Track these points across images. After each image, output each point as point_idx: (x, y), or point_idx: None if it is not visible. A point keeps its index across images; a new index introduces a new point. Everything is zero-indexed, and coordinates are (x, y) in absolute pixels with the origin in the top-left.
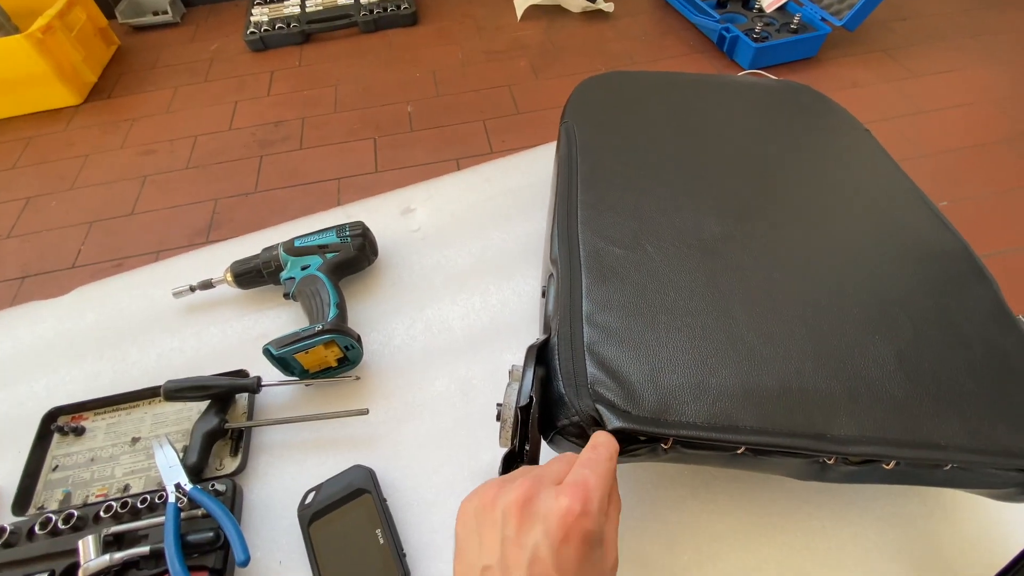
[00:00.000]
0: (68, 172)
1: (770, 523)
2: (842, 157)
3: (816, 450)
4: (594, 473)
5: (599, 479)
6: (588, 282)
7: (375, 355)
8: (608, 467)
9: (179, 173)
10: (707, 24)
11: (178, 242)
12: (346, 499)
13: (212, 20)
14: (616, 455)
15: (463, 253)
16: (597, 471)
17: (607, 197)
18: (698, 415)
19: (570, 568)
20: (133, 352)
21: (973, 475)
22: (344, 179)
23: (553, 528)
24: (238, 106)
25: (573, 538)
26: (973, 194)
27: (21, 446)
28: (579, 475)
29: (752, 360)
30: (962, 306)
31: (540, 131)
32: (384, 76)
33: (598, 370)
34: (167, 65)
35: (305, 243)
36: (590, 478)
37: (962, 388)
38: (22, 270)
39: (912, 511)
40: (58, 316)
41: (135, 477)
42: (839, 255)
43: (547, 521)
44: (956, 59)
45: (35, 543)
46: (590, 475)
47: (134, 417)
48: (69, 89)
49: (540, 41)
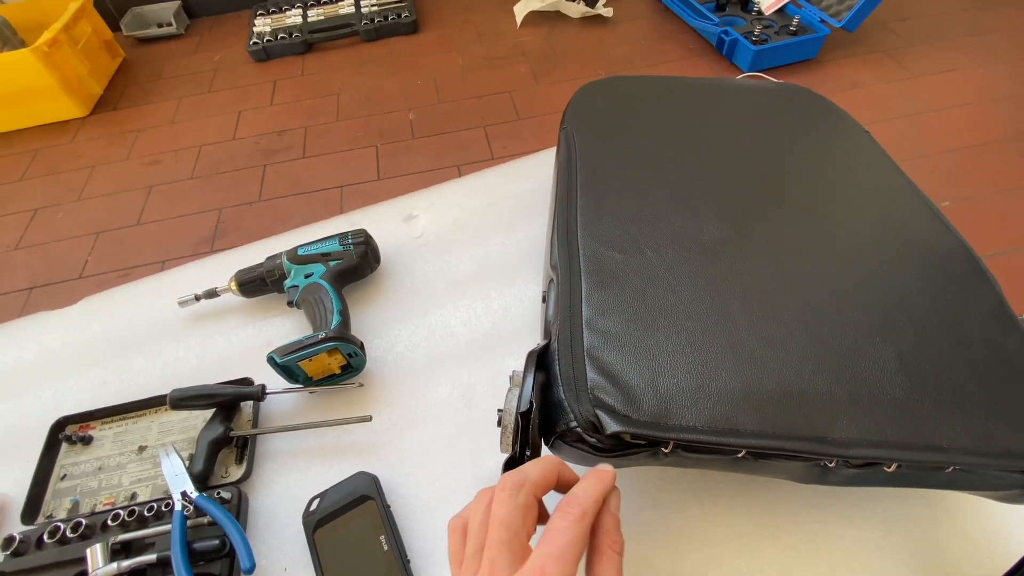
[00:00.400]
0: (75, 183)
1: (774, 526)
2: (841, 159)
3: (817, 453)
4: (557, 560)
5: (559, 565)
6: (588, 287)
7: (378, 362)
8: (579, 550)
9: (184, 183)
10: (706, 27)
11: (183, 251)
12: (350, 506)
13: (216, 31)
14: (600, 499)
15: (465, 259)
16: (559, 551)
17: (606, 202)
18: (698, 419)
19: None
20: (139, 361)
21: (976, 477)
22: (347, 187)
23: None
24: (242, 116)
25: None
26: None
27: (30, 456)
28: (535, 565)
29: (752, 363)
30: (963, 307)
31: (541, 136)
32: (386, 84)
33: (598, 375)
34: (172, 76)
35: (308, 251)
36: (549, 564)
37: (964, 390)
38: (30, 281)
39: (916, 513)
40: (65, 326)
41: (142, 485)
42: (839, 257)
43: None
44: (956, 59)
45: (44, 552)
46: (549, 562)
47: (141, 426)
48: (75, 101)
49: (540, 47)
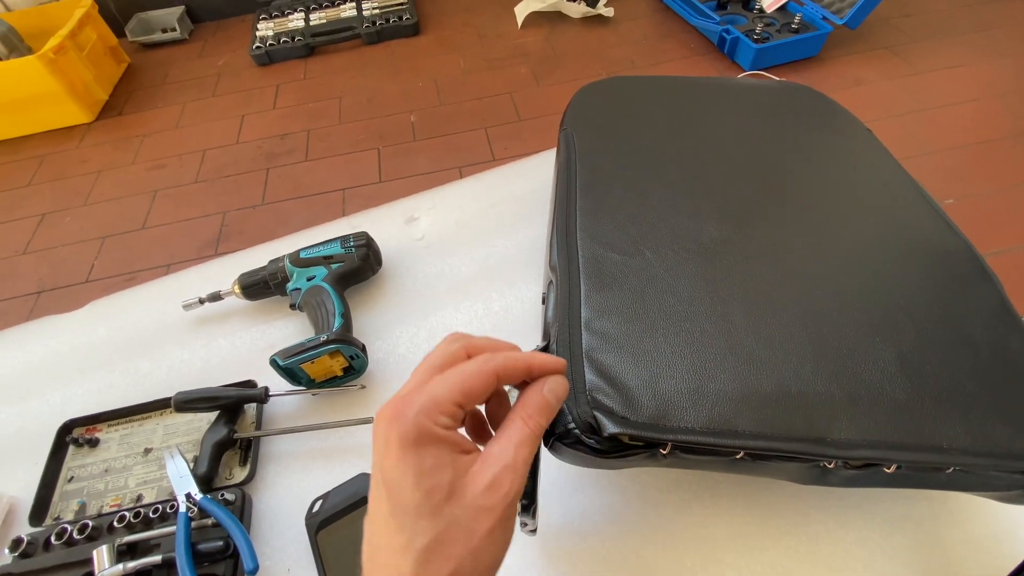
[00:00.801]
0: (82, 188)
1: (775, 527)
2: (843, 158)
3: (816, 454)
4: (445, 380)
5: (445, 384)
6: (587, 288)
7: (380, 364)
8: (471, 384)
9: (188, 187)
10: (707, 26)
11: (188, 255)
12: (353, 507)
13: (219, 36)
14: (505, 372)
15: (466, 261)
16: (449, 378)
17: (606, 203)
18: (697, 420)
19: (393, 476)
20: (145, 364)
21: (976, 478)
22: (349, 189)
23: (379, 440)
24: (245, 120)
25: (392, 441)
26: (979, 191)
27: (37, 458)
28: (417, 384)
29: (751, 364)
30: (965, 306)
31: (542, 137)
32: (387, 87)
33: (596, 376)
34: (176, 81)
35: (310, 254)
36: (436, 384)
37: (964, 390)
38: (38, 285)
39: (918, 514)
40: (72, 330)
41: (147, 487)
42: (840, 257)
43: (375, 434)
44: (961, 55)
45: (51, 553)
46: (438, 383)
47: (146, 428)
48: (81, 107)
49: (541, 48)
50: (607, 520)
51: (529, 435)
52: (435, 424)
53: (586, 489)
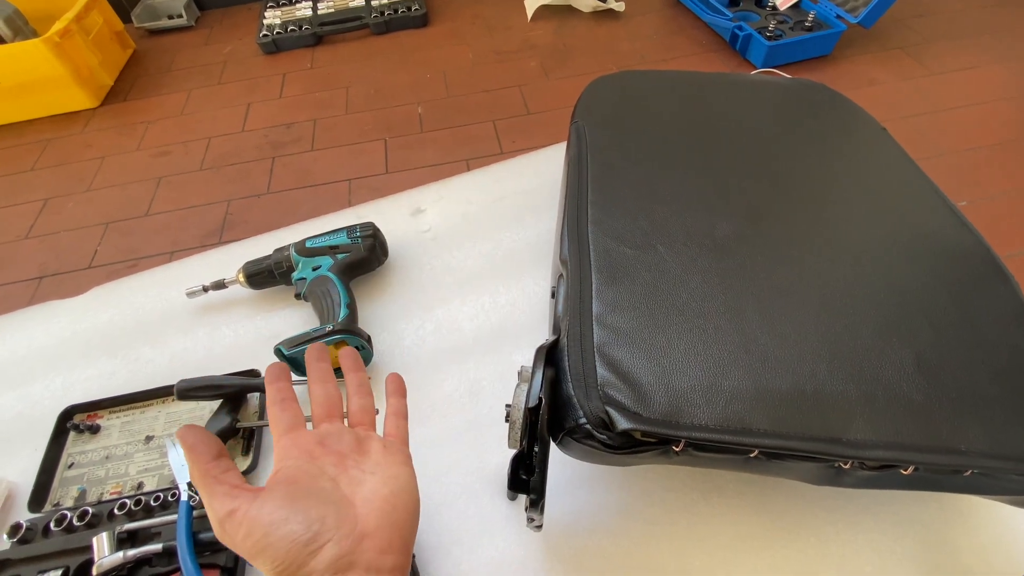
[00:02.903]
0: (85, 174)
1: (783, 528)
2: (858, 156)
3: (831, 454)
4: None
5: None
6: (598, 283)
7: (385, 355)
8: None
9: (193, 174)
10: (719, 22)
11: (192, 243)
12: None
13: (226, 23)
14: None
15: (473, 254)
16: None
17: (617, 197)
18: (710, 417)
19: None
20: (147, 351)
21: (993, 481)
22: (355, 180)
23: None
24: (251, 108)
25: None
26: (993, 193)
27: (38, 444)
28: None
29: (765, 362)
30: (983, 307)
31: (551, 131)
32: (395, 77)
33: (608, 371)
34: (181, 68)
35: (316, 244)
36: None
37: (983, 392)
38: (40, 270)
39: (929, 517)
40: (74, 316)
41: (149, 475)
42: (855, 255)
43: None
44: (976, 56)
45: (50, 539)
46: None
47: (148, 416)
48: (86, 92)
49: (551, 41)
50: (613, 518)
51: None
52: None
53: (592, 486)
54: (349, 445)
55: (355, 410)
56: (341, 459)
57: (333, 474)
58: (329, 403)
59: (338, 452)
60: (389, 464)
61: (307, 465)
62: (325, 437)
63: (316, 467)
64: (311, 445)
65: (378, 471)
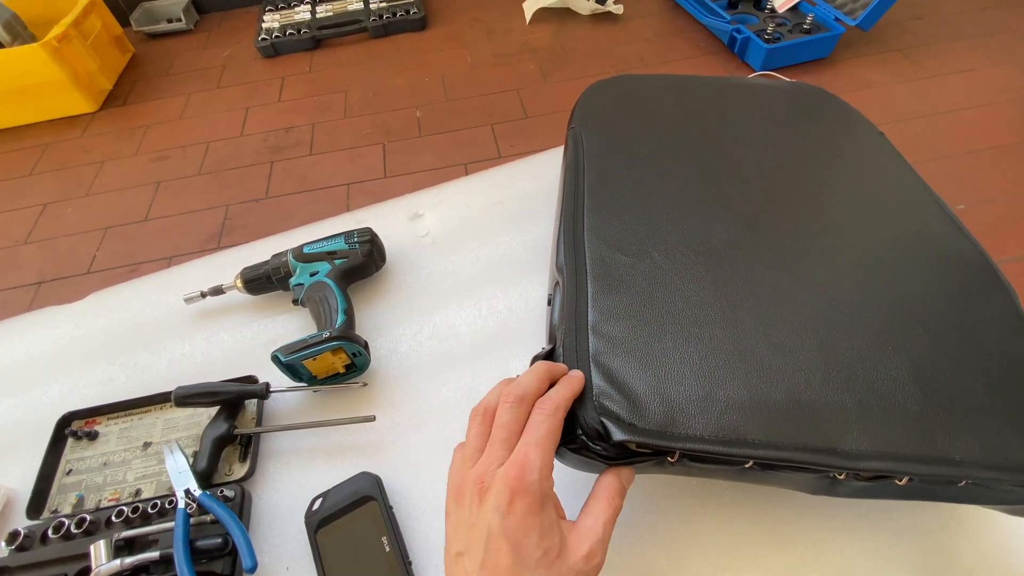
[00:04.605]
0: (84, 178)
1: (780, 535)
2: (855, 161)
3: (826, 465)
4: (536, 446)
5: (539, 450)
6: (594, 291)
7: (382, 361)
8: (555, 439)
9: (192, 179)
10: (718, 25)
11: (190, 248)
12: (352, 506)
13: (224, 27)
14: (570, 398)
15: (471, 259)
16: (539, 442)
17: (614, 203)
18: (705, 428)
19: (518, 534)
20: (145, 357)
21: (989, 491)
22: (353, 184)
23: (502, 501)
24: (249, 112)
25: (517, 504)
26: (990, 197)
27: (36, 450)
28: (519, 452)
29: (761, 372)
30: (979, 316)
31: (549, 135)
32: (393, 81)
33: (603, 381)
34: (180, 72)
35: (314, 249)
36: (531, 450)
37: (979, 401)
38: (39, 275)
39: (926, 524)
40: (73, 321)
41: (146, 482)
42: (851, 262)
43: (497, 496)
44: (974, 59)
45: (48, 547)
46: (532, 448)
47: (146, 422)
48: (85, 96)
49: (549, 44)
50: None
51: (612, 514)
52: (550, 488)
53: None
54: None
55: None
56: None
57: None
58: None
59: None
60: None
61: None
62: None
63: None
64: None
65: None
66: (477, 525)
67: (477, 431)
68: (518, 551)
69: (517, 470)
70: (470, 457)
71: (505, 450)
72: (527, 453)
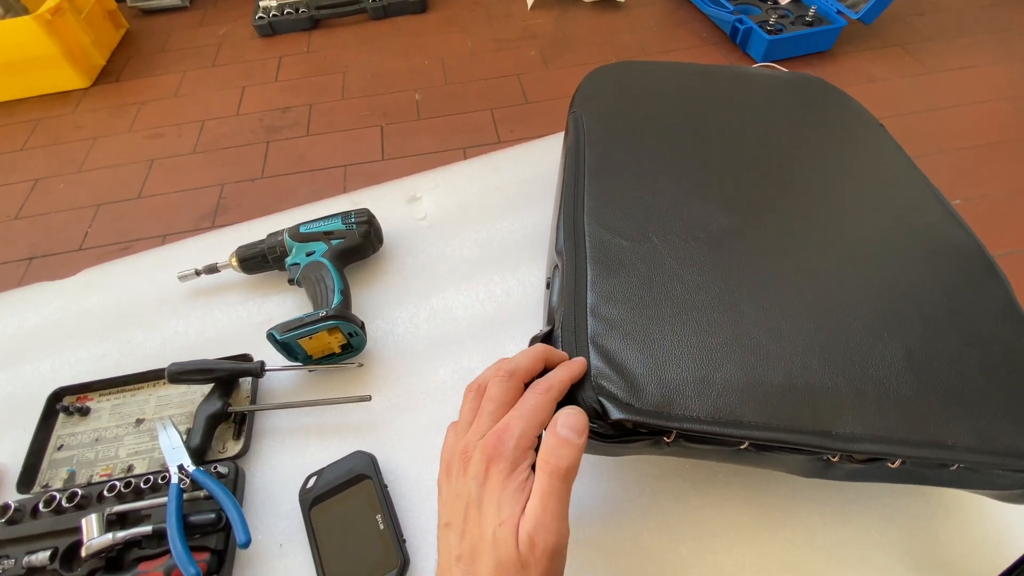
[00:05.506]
0: (76, 154)
1: (772, 518)
2: (854, 151)
3: (821, 447)
4: (520, 417)
5: (522, 420)
6: (593, 274)
7: (378, 343)
8: (543, 415)
9: (186, 157)
10: (720, 15)
11: (184, 226)
12: (347, 484)
13: (221, 4)
14: (566, 381)
15: (468, 242)
16: (524, 414)
17: (614, 188)
18: (702, 409)
19: (491, 495)
20: (138, 334)
21: (980, 476)
22: (351, 166)
23: (480, 469)
24: (246, 91)
25: (492, 471)
26: (988, 192)
27: (27, 425)
28: (502, 422)
29: (757, 355)
30: (974, 304)
31: (549, 121)
32: (392, 63)
33: (601, 362)
34: (175, 49)
35: (310, 229)
36: (513, 420)
37: (972, 387)
38: (30, 251)
39: (916, 510)
40: (65, 297)
41: (139, 458)
42: (848, 250)
43: (476, 464)
44: (974, 55)
45: (39, 520)
46: (515, 418)
47: (139, 399)
48: (78, 72)
49: (551, 30)
50: (602, 507)
51: (548, 484)
52: (524, 459)
53: (582, 475)
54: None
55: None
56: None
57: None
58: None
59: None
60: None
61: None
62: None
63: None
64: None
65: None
66: (460, 495)
67: (469, 407)
68: (488, 520)
69: (494, 438)
70: (462, 432)
71: (492, 422)
72: (508, 422)
